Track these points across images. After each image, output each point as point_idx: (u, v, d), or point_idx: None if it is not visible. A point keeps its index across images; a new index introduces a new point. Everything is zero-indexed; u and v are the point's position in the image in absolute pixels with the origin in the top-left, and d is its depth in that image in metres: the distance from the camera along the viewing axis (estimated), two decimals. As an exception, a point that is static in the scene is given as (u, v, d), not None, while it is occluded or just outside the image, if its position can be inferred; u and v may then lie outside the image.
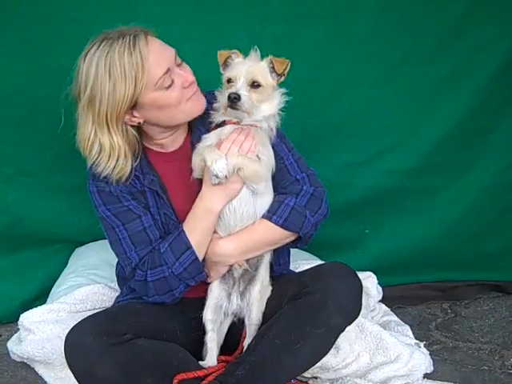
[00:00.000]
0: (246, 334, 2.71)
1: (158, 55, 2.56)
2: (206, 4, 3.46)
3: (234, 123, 2.63)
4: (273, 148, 2.72)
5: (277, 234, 2.68)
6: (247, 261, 2.70)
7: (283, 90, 2.69)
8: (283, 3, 3.50)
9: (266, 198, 2.68)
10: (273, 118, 2.67)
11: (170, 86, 2.59)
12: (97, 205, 2.72)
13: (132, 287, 2.78)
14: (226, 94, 2.53)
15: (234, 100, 2.50)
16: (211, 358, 2.69)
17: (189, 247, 2.62)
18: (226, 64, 2.66)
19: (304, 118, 3.54)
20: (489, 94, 3.66)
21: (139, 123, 2.67)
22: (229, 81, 2.58)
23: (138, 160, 2.71)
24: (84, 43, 3.11)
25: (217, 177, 2.52)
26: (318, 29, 3.50)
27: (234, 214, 2.65)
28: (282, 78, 2.66)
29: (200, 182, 2.67)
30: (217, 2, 3.46)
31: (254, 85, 2.56)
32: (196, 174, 2.66)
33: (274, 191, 2.72)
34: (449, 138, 3.70)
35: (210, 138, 2.64)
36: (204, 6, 3.45)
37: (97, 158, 2.61)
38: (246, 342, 2.68)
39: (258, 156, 2.60)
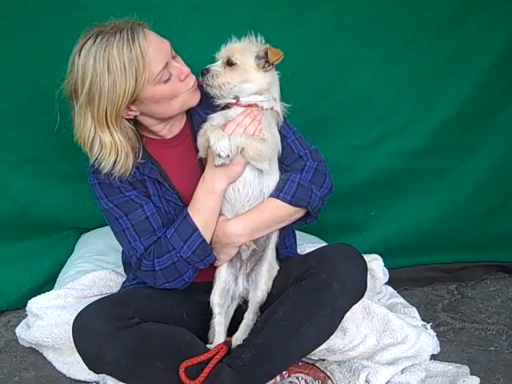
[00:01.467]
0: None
1: (156, 49, 2.55)
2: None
3: (238, 105, 2.63)
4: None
5: (285, 211, 2.68)
6: (255, 241, 2.71)
7: (275, 73, 2.69)
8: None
9: (272, 178, 2.69)
10: (278, 103, 2.68)
11: (168, 80, 2.59)
12: (99, 197, 2.74)
13: (139, 277, 2.78)
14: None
15: (202, 73, 2.58)
16: (219, 341, 2.70)
17: (195, 229, 2.63)
18: None
19: (309, 100, 3.53)
20: (494, 76, 3.63)
21: (135, 116, 2.67)
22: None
23: (140, 153, 2.71)
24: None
25: (219, 156, 2.52)
26: (321, 12, 3.48)
27: (239, 195, 2.66)
28: (270, 67, 2.65)
29: (203, 164, 2.68)
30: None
31: (229, 62, 2.58)
32: (201, 153, 2.67)
33: (280, 171, 2.73)
34: (454, 120, 3.68)
35: (215, 119, 2.65)
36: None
37: (99, 155, 2.60)
38: (246, 315, 2.71)
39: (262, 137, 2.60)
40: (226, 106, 2.68)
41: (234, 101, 2.64)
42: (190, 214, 2.65)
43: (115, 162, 2.60)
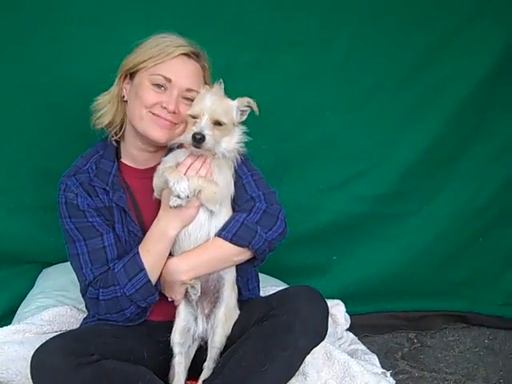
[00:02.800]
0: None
1: (179, 68, 2.74)
2: (182, 29, 3.49)
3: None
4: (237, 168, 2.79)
5: (227, 250, 2.68)
6: (207, 282, 2.71)
7: (243, 128, 2.72)
8: (259, 30, 3.58)
9: (222, 220, 2.70)
10: (232, 153, 2.70)
11: (154, 90, 2.72)
12: (62, 216, 2.76)
13: (85, 303, 2.79)
14: (191, 133, 2.55)
15: (199, 140, 2.53)
16: (179, 381, 2.67)
17: (142, 269, 2.65)
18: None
19: (276, 142, 3.62)
20: (458, 122, 3.76)
21: (124, 98, 2.84)
22: (193, 116, 2.61)
23: (111, 174, 2.80)
24: (62, 61, 3.15)
25: (179, 197, 2.54)
26: (293, 55, 3.59)
27: (189, 238, 2.68)
28: (244, 117, 2.71)
29: None
30: (193, 28, 3.48)
31: (218, 123, 2.59)
32: (156, 194, 2.70)
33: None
34: (418, 165, 3.78)
35: (169, 161, 2.68)
36: (180, 32, 3.48)
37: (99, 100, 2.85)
38: (206, 365, 2.67)
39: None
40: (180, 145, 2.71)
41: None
42: (139, 252, 2.68)
43: (102, 109, 2.84)
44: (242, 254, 2.72)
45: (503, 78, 3.74)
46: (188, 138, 2.57)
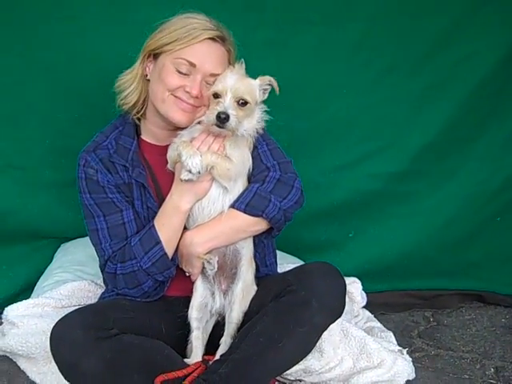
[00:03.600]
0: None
1: (204, 52, 2.71)
2: (199, 7, 3.46)
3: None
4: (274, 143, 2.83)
5: (241, 220, 2.70)
6: (224, 257, 2.72)
7: (263, 106, 2.71)
8: (276, 9, 3.54)
9: (236, 195, 2.71)
10: (252, 132, 2.70)
11: (180, 73, 2.70)
12: (82, 191, 2.78)
13: (103, 278, 2.83)
14: (215, 112, 2.53)
15: (223, 120, 2.52)
16: (196, 356, 2.70)
17: (158, 242, 2.67)
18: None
19: (292, 120, 3.60)
20: (473, 105, 3.72)
21: (147, 76, 2.83)
22: (215, 95, 2.59)
23: (131, 150, 2.81)
24: (77, 41, 3.17)
25: (190, 172, 2.55)
26: (308, 35, 3.57)
27: (203, 212, 2.70)
28: (265, 96, 2.70)
29: None
30: (210, 7, 3.47)
31: (241, 102, 2.57)
32: (170, 167, 2.72)
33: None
34: (432, 146, 3.75)
35: (185, 135, 2.69)
36: (198, 10, 3.46)
37: (124, 77, 2.84)
38: (224, 340, 2.69)
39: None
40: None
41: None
42: (155, 226, 2.70)
43: (128, 89, 2.84)
44: (258, 224, 2.73)
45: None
46: (211, 118, 2.55)
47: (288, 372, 2.81)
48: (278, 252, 3.11)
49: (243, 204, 2.68)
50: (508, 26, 3.64)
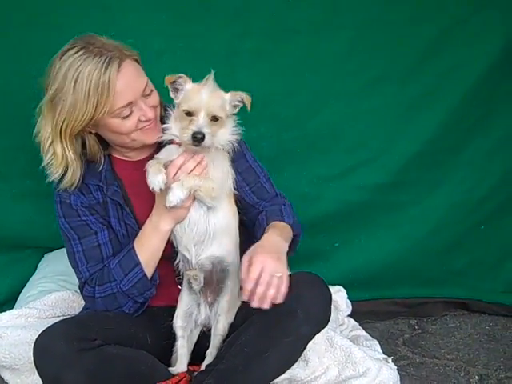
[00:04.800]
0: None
1: (125, 85, 2.57)
2: (186, 16, 3.48)
3: (180, 144, 2.62)
4: (249, 166, 2.84)
5: (289, 233, 2.77)
6: (210, 274, 2.71)
7: (235, 118, 2.67)
8: (263, 18, 3.52)
9: (221, 214, 2.69)
10: (227, 145, 2.66)
11: (126, 117, 2.62)
12: (58, 215, 2.80)
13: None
14: (190, 132, 2.49)
15: (199, 140, 2.49)
16: (181, 364, 2.70)
17: (137, 264, 2.68)
18: (175, 88, 2.61)
19: (279, 130, 3.59)
20: (460, 114, 3.73)
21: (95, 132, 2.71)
22: (188, 113, 2.54)
23: (103, 169, 2.77)
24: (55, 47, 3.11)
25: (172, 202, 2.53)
26: (296, 44, 3.54)
27: (186, 233, 2.67)
28: (236, 110, 2.66)
29: None
30: (197, 15, 3.48)
31: (215, 118, 2.54)
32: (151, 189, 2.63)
33: (255, 207, 2.83)
34: (420, 156, 3.75)
35: (161, 159, 2.64)
36: (184, 18, 3.46)
37: (50, 161, 2.66)
38: (209, 352, 2.68)
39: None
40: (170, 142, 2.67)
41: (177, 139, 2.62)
42: (134, 247, 2.70)
43: (64, 174, 2.67)
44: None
45: (507, 69, 3.70)
46: (186, 138, 2.51)
47: (274, 382, 2.78)
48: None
49: (290, 220, 2.78)
50: (496, 34, 3.66)
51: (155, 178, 2.53)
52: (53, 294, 3.22)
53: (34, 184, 3.45)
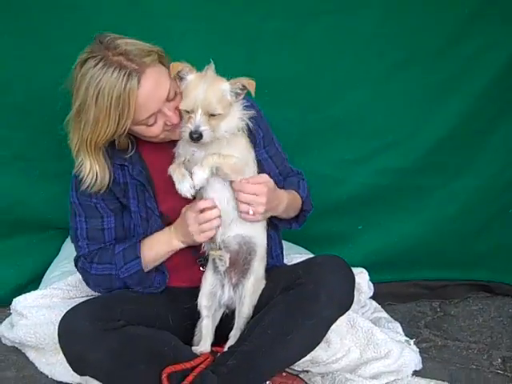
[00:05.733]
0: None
1: (147, 98, 2.51)
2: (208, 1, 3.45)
3: None
4: (277, 149, 2.86)
5: (297, 203, 2.84)
6: (237, 255, 2.70)
7: (242, 102, 2.62)
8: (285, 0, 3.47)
9: None
10: (237, 127, 2.62)
11: (152, 124, 2.61)
12: (71, 188, 2.81)
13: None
14: (187, 131, 2.48)
15: (197, 138, 2.48)
16: (205, 344, 2.71)
17: (137, 257, 2.72)
18: (179, 77, 2.57)
19: (303, 113, 3.55)
20: (488, 98, 3.65)
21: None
22: (186, 111, 2.52)
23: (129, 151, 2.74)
24: (85, 31, 3.11)
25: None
26: (320, 25, 3.47)
27: (226, 209, 2.65)
28: (240, 97, 2.59)
29: None
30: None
31: (212, 114, 2.50)
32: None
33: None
34: (446, 140, 3.70)
35: (180, 154, 2.64)
36: (207, 0, 3.44)
37: (80, 167, 2.65)
38: (233, 334, 2.69)
39: None
40: None
41: None
42: (142, 244, 2.74)
43: (90, 183, 2.65)
44: (295, 212, 2.88)
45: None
46: (185, 136, 2.52)
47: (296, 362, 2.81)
48: (284, 242, 3.12)
49: (304, 194, 2.86)
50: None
51: (183, 186, 2.55)
52: (76, 274, 3.22)
53: (57, 165, 3.46)
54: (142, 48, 2.54)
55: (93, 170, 2.63)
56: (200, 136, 2.48)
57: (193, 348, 2.68)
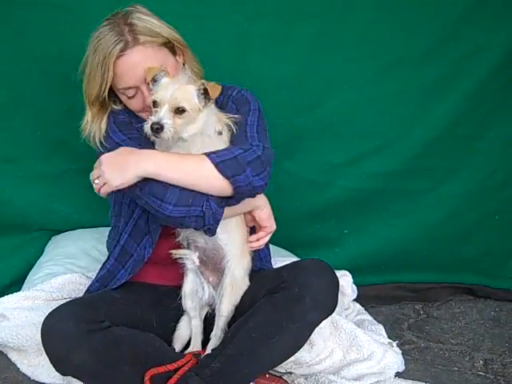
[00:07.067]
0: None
1: (126, 70, 2.65)
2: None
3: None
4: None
5: (207, 172, 2.50)
6: (204, 252, 2.72)
7: (213, 109, 2.64)
8: (275, 0, 3.47)
9: None
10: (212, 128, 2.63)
11: (131, 97, 2.71)
12: (113, 131, 2.73)
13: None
14: (150, 123, 2.49)
15: (157, 130, 2.48)
16: (196, 344, 2.75)
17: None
18: (154, 80, 2.59)
19: (291, 115, 3.54)
20: (478, 101, 3.66)
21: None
22: (154, 104, 2.54)
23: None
24: (71, 30, 3.12)
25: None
26: (308, 27, 3.47)
27: None
28: (211, 102, 2.60)
29: None
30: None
31: (179, 110, 2.51)
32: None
33: None
34: (435, 143, 3.69)
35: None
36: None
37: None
38: (214, 334, 2.70)
39: None
40: None
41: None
42: None
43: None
44: (218, 185, 2.53)
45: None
46: (146, 129, 2.51)
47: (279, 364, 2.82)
48: (270, 245, 3.11)
49: (219, 159, 2.52)
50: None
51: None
52: (60, 276, 3.22)
53: (42, 166, 3.46)
54: (150, 28, 2.67)
55: (88, 123, 2.77)
56: (161, 128, 2.47)
57: (187, 350, 2.72)
